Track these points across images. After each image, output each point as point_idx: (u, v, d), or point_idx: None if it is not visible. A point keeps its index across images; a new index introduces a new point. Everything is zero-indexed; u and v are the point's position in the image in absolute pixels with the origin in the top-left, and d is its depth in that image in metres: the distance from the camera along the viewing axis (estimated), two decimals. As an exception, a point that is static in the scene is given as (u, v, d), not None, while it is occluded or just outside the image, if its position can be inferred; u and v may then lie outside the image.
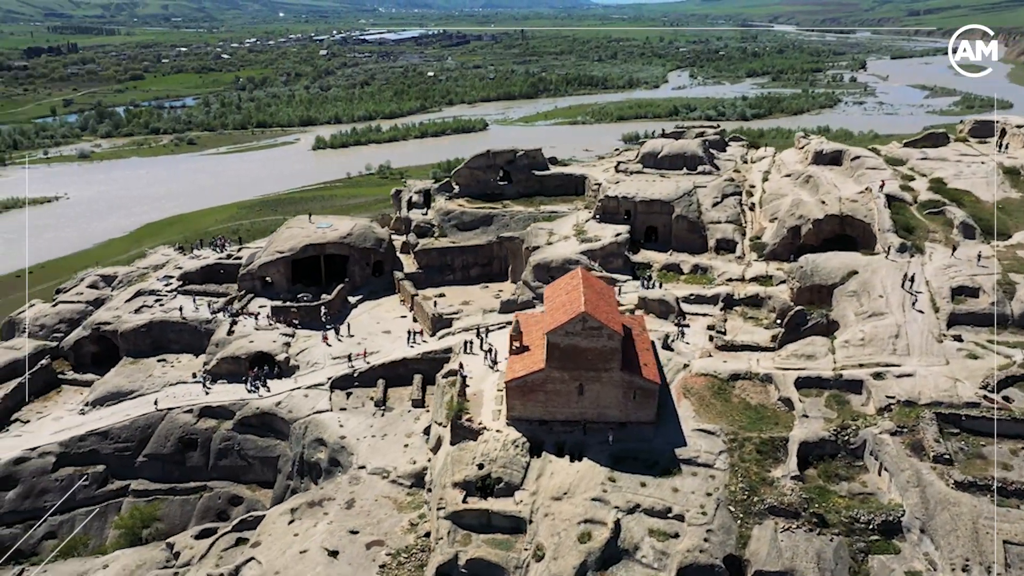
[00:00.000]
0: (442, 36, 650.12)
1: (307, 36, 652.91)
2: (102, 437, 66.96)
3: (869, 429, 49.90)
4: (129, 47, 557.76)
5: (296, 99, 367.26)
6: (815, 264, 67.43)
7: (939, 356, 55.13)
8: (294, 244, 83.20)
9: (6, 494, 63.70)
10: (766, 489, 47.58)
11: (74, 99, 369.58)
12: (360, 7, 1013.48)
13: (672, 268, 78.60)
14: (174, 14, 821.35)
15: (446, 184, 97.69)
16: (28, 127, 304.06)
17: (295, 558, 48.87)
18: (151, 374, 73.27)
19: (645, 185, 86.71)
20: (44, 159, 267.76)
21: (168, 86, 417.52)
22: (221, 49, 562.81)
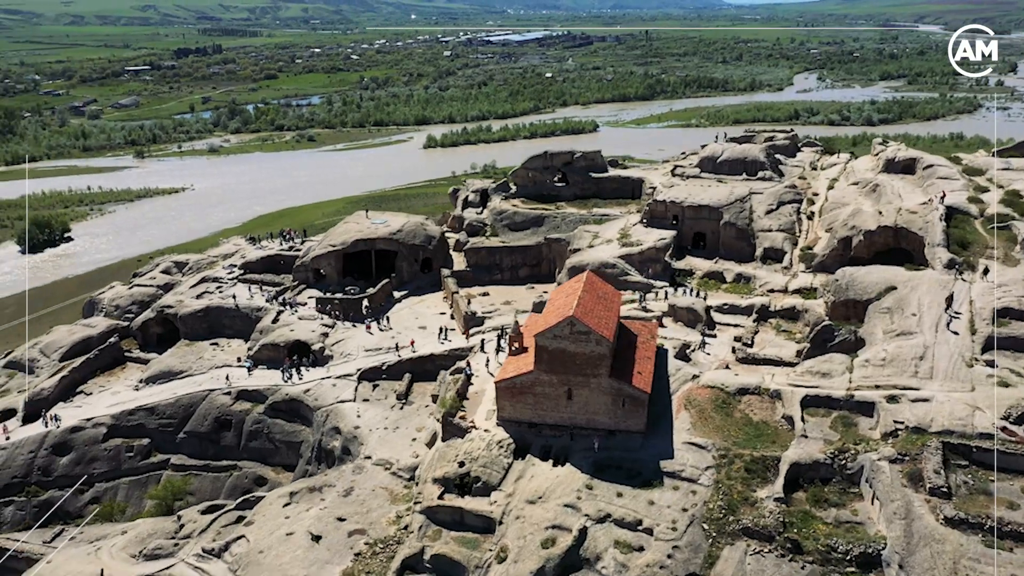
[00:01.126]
0: (565, 37, 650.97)
1: (434, 38, 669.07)
2: (149, 412, 71.69)
3: (868, 455, 47.01)
4: (268, 48, 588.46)
5: (414, 99, 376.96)
6: (852, 278, 63.84)
7: (964, 381, 51.18)
8: (345, 238, 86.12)
9: (61, 459, 69.25)
10: (746, 509, 45.70)
11: (212, 97, 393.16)
12: (489, 9, 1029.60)
13: (715, 276, 76.31)
14: (313, 16, 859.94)
15: (503, 184, 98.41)
16: (168, 123, 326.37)
17: (280, 539, 50.92)
18: (202, 356, 77.74)
19: (697, 190, 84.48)
20: (178, 152, 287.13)
21: (298, 85, 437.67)
22: (351, 50, 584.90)
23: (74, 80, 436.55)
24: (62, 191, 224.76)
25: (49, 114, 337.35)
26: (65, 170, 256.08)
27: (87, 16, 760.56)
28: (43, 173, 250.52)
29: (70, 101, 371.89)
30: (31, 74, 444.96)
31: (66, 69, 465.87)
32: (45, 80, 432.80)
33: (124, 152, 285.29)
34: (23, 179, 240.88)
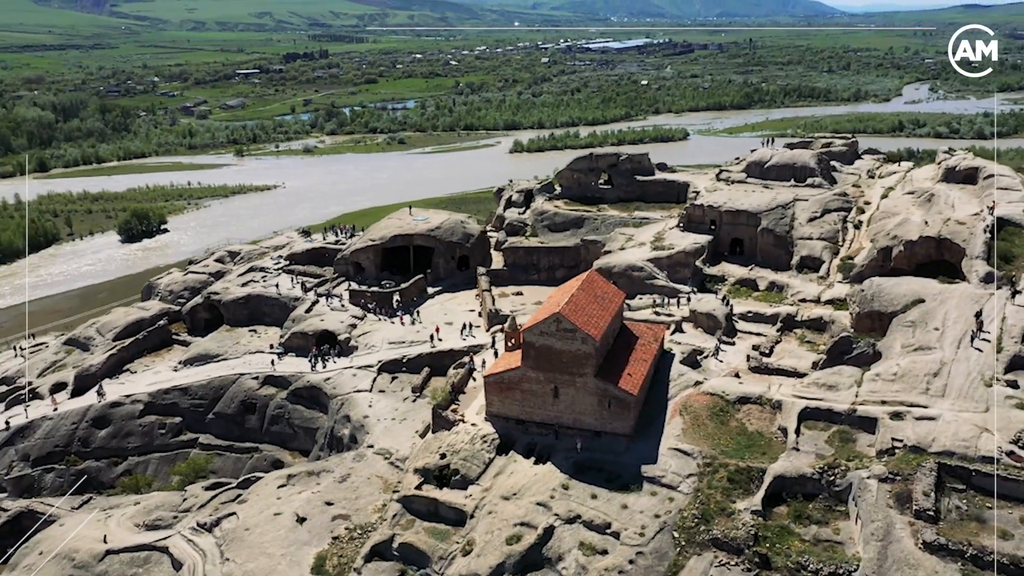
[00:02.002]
0: (666, 45, 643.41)
1: (533, 44, 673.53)
2: (183, 392, 74.93)
3: (858, 472, 44.49)
4: (371, 54, 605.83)
5: (506, 104, 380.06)
6: (879, 289, 60.53)
7: (979, 402, 47.74)
8: (384, 234, 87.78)
9: (100, 432, 73.19)
10: (721, 520, 44.01)
11: (313, 99, 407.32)
12: (592, 16, 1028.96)
13: (747, 283, 73.87)
14: (418, 24, 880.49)
15: (548, 185, 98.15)
16: (269, 123, 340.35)
17: (268, 519, 52.27)
18: (239, 342, 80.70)
19: (737, 195, 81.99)
20: (275, 152, 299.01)
21: (396, 90, 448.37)
22: (451, 56, 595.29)
23: (189, 82, 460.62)
24: (164, 185, 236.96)
25: (162, 114, 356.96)
26: (170, 166, 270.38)
27: (208, 22, 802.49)
28: (151, 168, 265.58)
29: (183, 102, 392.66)
30: (151, 76, 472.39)
31: (183, 72, 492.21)
32: (163, 82, 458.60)
33: (225, 150, 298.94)
34: (134, 173, 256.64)
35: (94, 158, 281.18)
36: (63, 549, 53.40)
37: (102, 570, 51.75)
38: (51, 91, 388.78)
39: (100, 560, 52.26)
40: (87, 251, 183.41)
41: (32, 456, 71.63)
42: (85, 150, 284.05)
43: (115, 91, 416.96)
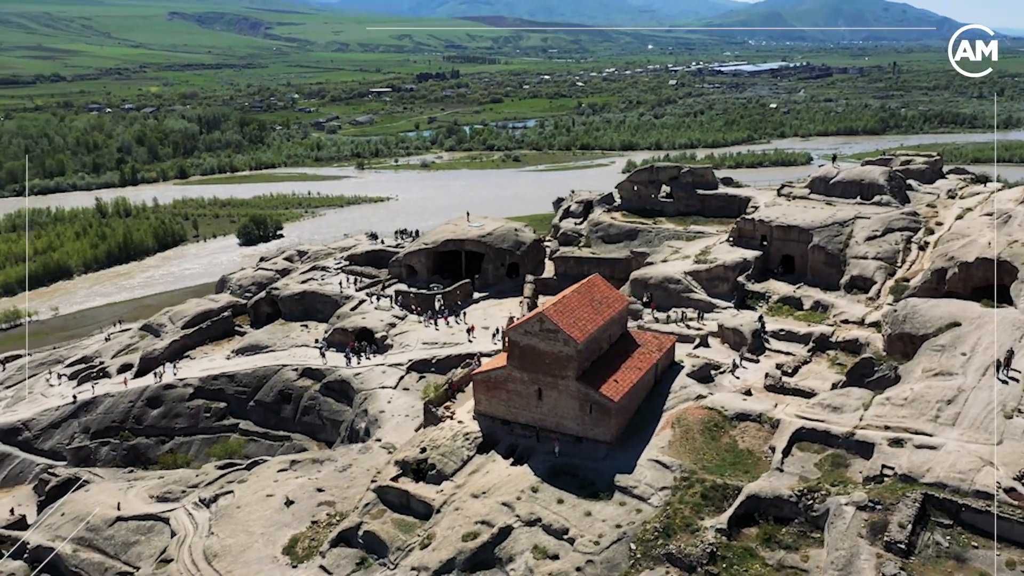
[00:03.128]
0: (802, 68, 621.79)
1: (663, 67, 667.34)
2: (229, 379, 78.64)
3: (837, 497, 41.31)
4: (501, 74, 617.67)
5: (625, 125, 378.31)
6: (913, 310, 56.06)
7: (993, 433, 43.30)
8: (437, 238, 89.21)
9: (152, 411, 77.88)
10: (684, 536, 41.89)
11: (437, 117, 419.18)
12: (729, 40, 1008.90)
13: (791, 302, 70.18)
14: (551, 46, 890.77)
15: (608, 197, 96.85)
16: (392, 139, 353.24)
17: (260, 499, 53.98)
18: (288, 335, 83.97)
19: (793, 210, 78.14)
20: (393, 166, 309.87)
21: (519, 109, 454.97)
22: (579, 78, 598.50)
23: (326, 99, 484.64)
24: (287, 194, 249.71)
25: (295, 128, 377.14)
26: (296, 176, 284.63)
27: (351, 44, 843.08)
28: (279, 178, 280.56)
29: (316, 117, 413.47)
30: (292, 93, 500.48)
31: (321, 89, 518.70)
32: (302, 99, 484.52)
33: (348, 163, 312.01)
34: (263, 182, 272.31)
35: (229, 167, 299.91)
36: (80, 512, 57.05)
37: (110, 534, 54.89)
38: (201, 105, 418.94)
39: (110, 525, 55.48)
40: (207, 252, 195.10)
41: (92, 429, 77.03)
42: (222, 160, 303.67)
43: (258, 106, 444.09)
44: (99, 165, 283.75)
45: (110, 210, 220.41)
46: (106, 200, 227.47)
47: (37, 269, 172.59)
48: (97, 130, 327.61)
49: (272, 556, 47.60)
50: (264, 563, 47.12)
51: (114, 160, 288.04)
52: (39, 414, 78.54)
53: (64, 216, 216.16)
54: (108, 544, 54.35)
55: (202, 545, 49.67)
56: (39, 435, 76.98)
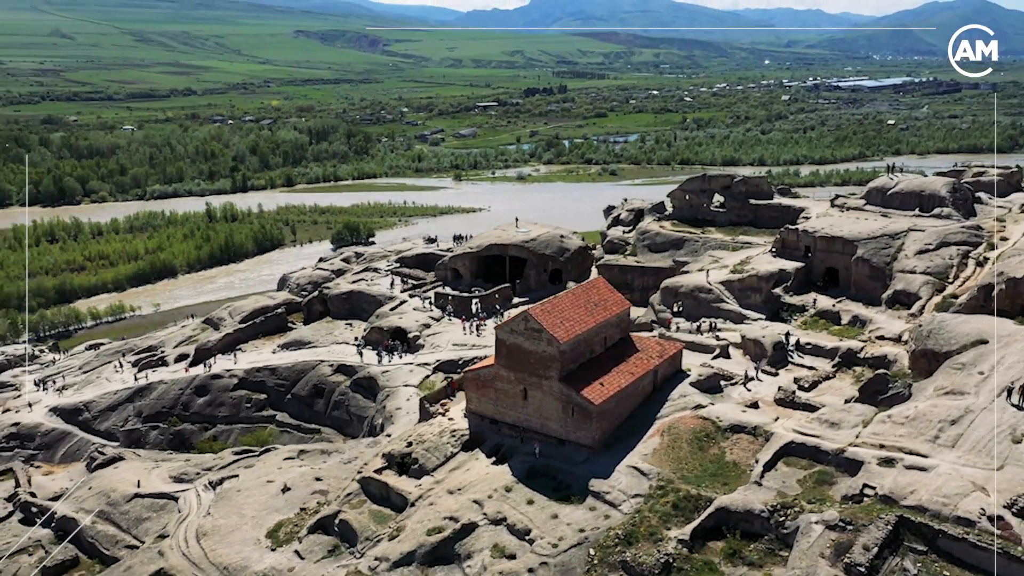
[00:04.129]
0: (927, 84, 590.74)
1: (778, 82, 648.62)
2: (271, 372, 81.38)
3: (808, 515, 38.90)
4: (608, 89, 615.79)
5: (729, 140, 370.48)
6: (940, 325, 52.16)
7: (994, 458, 39.77)
8: (481, 243, 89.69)
9: (199, 399, 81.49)
10: (645, 544, 40.47)
11: (539, 131, 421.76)
12: (851, 55, 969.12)
13: (828, 316, 66.64)
14: (663, 61, 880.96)
15: (659, 206, 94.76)
16: (492, 152, 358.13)
17: (260, 484, 55.62)
18: (332, 332, 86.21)
19: (842, 221, 74.25)
20: (490, 178, 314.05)
21: (623, 124, 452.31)
22: (687, 92, 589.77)
23: (433, 112, 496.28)
24: (384, 203, 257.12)
25: (400, 140, 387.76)
26: (396, 187, 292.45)
27: (464, 60, 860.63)
28: (379, 188, 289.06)
29: (422, 130, 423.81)
30: (401, 107, 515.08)
31: (429, 103, 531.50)
32: (411, 112, 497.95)
33: (447, 175, 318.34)
34: (363, 191, 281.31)
35: (333, 176, 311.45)
36: (105, 487, 60.33)
37: (126, 509, 57.82)
38: (316, 117, 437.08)
39: (128, 501, 58.45)
40: (300, 256, 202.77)
41: (144, 413, 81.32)
42: (327, 169, 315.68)
43: (368, 119, 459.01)
44: (214, 172, 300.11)
45: (218, 215, 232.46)
46: (215, 205, 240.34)
47: (146, 267, 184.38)
48: (216, 140, 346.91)
49: (256, 538, 48.90)
50: (247, 544, 48.45)
51: (228, 168, 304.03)
52: (99, 397, 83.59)
53: (177, 219, 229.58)
54: (123, 519, 57.25)
55: (197, 524, 51.57)
56: (97, 416, 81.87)
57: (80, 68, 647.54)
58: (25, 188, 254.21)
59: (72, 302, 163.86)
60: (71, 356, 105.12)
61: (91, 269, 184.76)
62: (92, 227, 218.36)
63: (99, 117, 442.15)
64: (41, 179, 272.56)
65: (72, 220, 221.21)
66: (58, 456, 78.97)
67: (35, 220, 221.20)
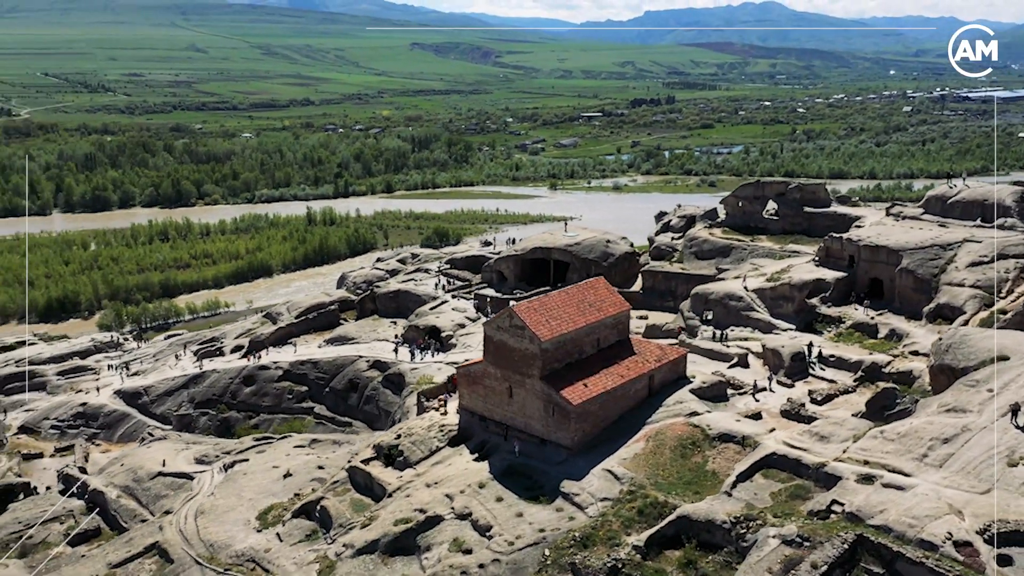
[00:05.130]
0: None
1: (900, 93, 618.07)
2: (313, 366, 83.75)
3: (768, 529, 36.90)
4: (718, 100, 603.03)
5: (839, 152, 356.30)
6: (961, 340, 48.36)
7: (983, 480, 36.63)
8: (526, 246, 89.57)
9: (246, 388, 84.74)
10: (600, 548, 39.41)
11: (641, 142, 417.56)
12: (995, 64, 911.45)
13: (864, 328, 63.00)
14: (779, 72, 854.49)
15: (712, 212, 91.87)
16: (590, 162, 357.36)
17: (265, 469, 57.43)
18: (376, 329, 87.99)
19: (890, 231, 69.97)
20: (585, 187, 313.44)
21: (729, 135, 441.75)
22: (801, 104, 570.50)
23: (537, 123, 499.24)
24: (477, 210, 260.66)
25: (500, 149, 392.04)
26: (491, 195, 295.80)
27: (574, 71, 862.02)
28: (475, 195, 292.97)
29: (523, 140, 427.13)
30: (506, 117, 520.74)
31: (534, 113, 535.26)
32: (515, 122, 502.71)
33: (543, 184, 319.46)
34: (459, 199, 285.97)
35: (431, 183, 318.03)
36: (135, 464, 63.66)
37: (148, 486, 60.78)
38: (423, 127, 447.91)
39: (151, 478, 61.43)
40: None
41: (196, 400, 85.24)
42: (426, 176, 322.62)
43: (473, 128, 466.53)
44: (319, 178, 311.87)
45: (318, 218, 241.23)
46: (316, 209, 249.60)
47: (244, 266, 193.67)
48: (323, 147, 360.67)
49: (246, 519, 50.46)
50: (237, 524, 50.06)
51: (332, 174, 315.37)
52: (158, 382, 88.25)
53: (279, 222, 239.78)
54: (144, 495, 60.20)
55: (199, 503, 53.70)
56: (154, 400, 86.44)
57: (211, 80, 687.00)
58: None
59: (175, 297, 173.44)
60: (149, 345, 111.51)
61: (195, 267, 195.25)
62: (201, 227, 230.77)
63: (222, 125, 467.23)
64: (161, 182, 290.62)
65: (184, 220, 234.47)
66: (116, 436, 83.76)
67: (150, 220, 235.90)
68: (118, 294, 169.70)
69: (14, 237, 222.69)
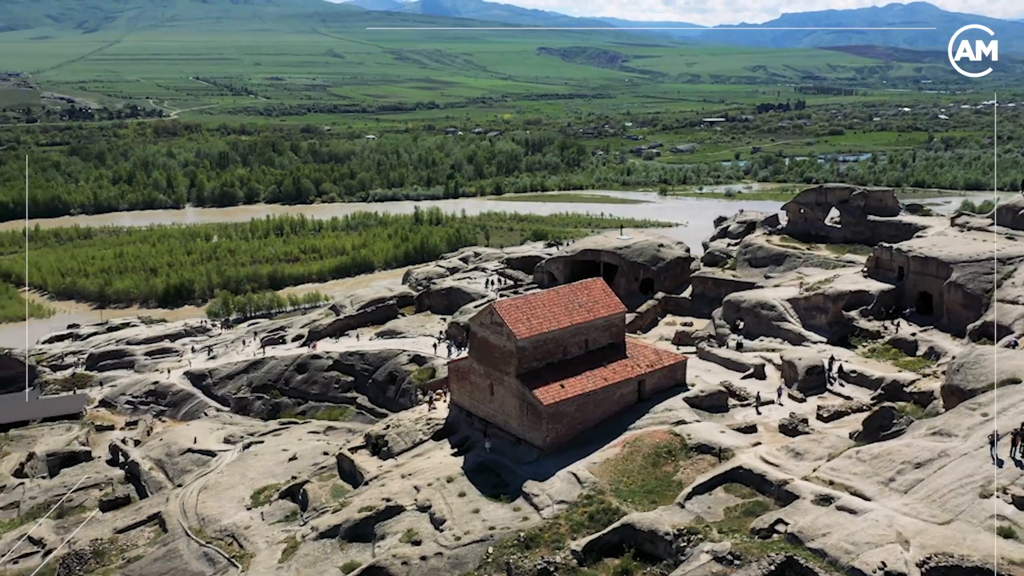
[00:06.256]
0: None
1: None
2: (360, 357, 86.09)
3: (704, 544, 35.14)
4: (852, 106, 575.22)
5: (980, 161, 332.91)
6: (975, 360, 44.14)
7: (949, 510, 33.50)
8: (576, 247, 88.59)
9: (298, 376, 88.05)
10: (542, 550, 38.67)
11: (762, 148, 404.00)
12: None
13: (902, 345, 58.67)
14: (924, 76, 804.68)
15: (772, 218, 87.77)
16: (704, 167, 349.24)
17: (275, 451, 59.57)
18: (424, 325, 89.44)
19: (946, 242, 64.72)
20: (696, 193, 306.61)
21: (859, 142, 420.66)
22: (945, 110, 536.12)
23: (657, 127, 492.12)
24: (581, 214, 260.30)
25: (614, 154, 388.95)
26: (599, 199, 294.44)
27: (703, 75, 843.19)
28: (582, 199, 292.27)
29: (640, 145, 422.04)
30: (625, 121, 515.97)
31: (654, 118, 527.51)
32: (634, 127, 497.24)
33: (652, 189, 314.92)
34: (566, 202, 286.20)
35: (540, 186, 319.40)
36: (171, 440, 67.48)
37: (176, 461, 64.24)
38: (541, 130, 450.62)
39: (181, 454, 64.90)
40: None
41: (253, 384, 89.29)
42: (536, 179, 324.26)
43: (590, 133, 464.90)
44: (432, 179, 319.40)
45: (424, 218, 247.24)
46: (423, 209, 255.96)
47: (348, 262, 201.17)
48: (439, 149, 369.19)
49: (240, 498, 52.52)
50: (232, 502, 52.19)
51: (445, 176, 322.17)
52: (222, 366, 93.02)
53: (388, 220, 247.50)
54: (172, 468, 63.66)
55: (206, 479, 56.34)
56: (217, 383, 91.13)
57: (344, 84, 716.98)
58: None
59: (280, 288, 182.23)
60: (231, 332, 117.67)
61: (303, 260, 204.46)
62: (313, 224, 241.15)
63: (349, 127, 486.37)
64: (283, 180, 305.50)
65: (299, 216, 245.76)
66: (180, 414, 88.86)
67: (268, 215, 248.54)
68: (229, 284, 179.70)
69: (148, 228, 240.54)
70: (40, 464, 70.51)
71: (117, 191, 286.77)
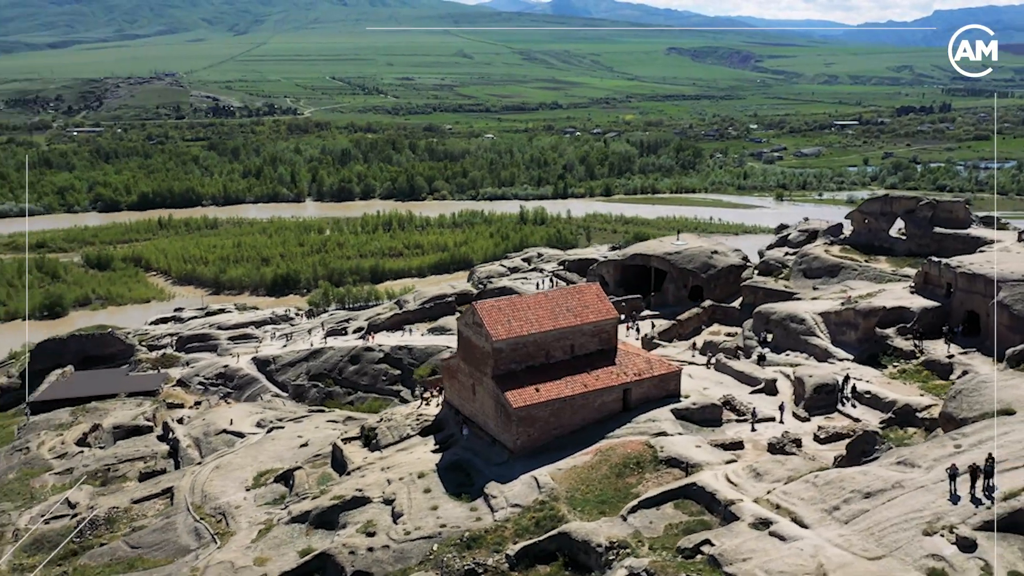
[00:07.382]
0: None
1: None
2: (408, 351, 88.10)
3: (626, 559, 34.20)
4: (1006, 109, 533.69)
5: None
6: (974, 387, 40.43)
7: (884, 546, 31.17)
8: (628, 252, 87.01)
9: (351, 367, 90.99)
10: (480, 551, 38.77)
11: (895, 153, 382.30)
12: None
13: (936, 367, 54.48)
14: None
15: (836, 228, 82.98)
16: (827, 172, 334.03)
17: (291, 436, 61.96)
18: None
19: (1002, 257, 59.33)
20: (816, 199, 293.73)
21: (1007, 149, 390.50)
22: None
23: (784, 130, 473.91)
24: (687, 217, 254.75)
25: (733, 157, 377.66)
26: (711, 203, 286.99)
27: (841, 76, 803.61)
28: (694, 203, 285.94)
29: (762, 148, 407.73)
30: (751, 123, 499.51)
31: (782, 120, 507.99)
32: (760, 129, 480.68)
33: (769, 194, 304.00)
34: (676, 205, 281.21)
35: (651, 189, 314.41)
36: (211, 421, 71.37)
37: (211, 440, 67.89)
38: (659, 130, 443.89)
39: (216, 434, 68.55)
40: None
41: (311, 373, 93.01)
42: (647, 181, 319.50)
43: (712, 135, 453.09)
44: (542, 179, 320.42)
45: (529, 217, 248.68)
46: (529, 208, 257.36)
47: (447, 258, 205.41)
48: (552, 150, 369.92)
49: (243, 479, 55.00)
50: (234, 483, 54.74)
51: (555, 176, 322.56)
52: (286, 353, 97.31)
53: (493, 218, 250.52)
54: (206, 448, 67.31)
55: (221, 460, 59.31)
56: (279, 369, 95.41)
57: (472, 83, 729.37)
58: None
59: (380, 282, 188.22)
60: (310, 321, 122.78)
61: (406, 255, 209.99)
62: (420, 220, 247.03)
63: (471, 126, 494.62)
64: (398, 176, 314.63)
65: (407, 213, 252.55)
66: (244, 397, 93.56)
67: (379, 211, 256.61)
68: (332, 275, 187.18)
69: (268, 220, 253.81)
70: (105, 435, 76.07)
71: (245, 184, 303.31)
